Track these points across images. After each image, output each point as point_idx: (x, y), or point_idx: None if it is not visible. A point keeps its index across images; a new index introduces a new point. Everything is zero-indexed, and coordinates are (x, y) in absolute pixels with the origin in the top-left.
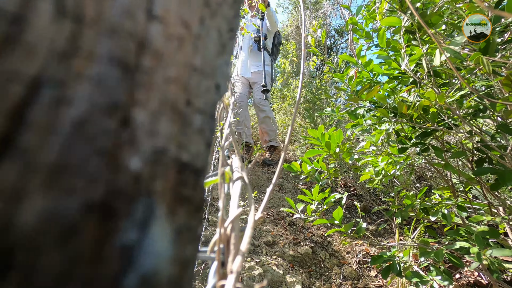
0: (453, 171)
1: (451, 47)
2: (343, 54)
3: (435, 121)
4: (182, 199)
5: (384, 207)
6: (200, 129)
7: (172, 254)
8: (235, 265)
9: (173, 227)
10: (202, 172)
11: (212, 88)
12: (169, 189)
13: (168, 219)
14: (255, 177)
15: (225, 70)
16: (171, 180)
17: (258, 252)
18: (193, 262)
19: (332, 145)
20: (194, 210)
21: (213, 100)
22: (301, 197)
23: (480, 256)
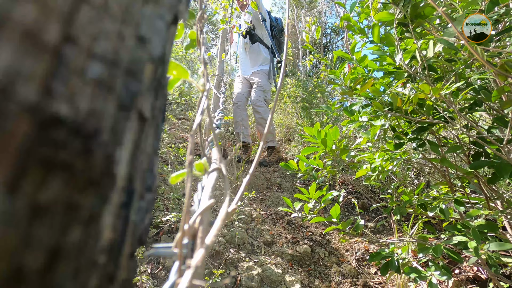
0: (450, 166)
1: (445, 38)
2: (337, 51)
3: (430, 113)
4: (51, 165)
5: (382, 204)
6: (102, 82)
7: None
8: (194, 260)
9: (27, 201)
10: (100, 138)
11: (128, 37)
12: (13, 147)
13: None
14: (253, 176)
15: (158, 24)
16: (20, 135)
17: (257, 252)
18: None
19: (329, 142)
20: (84, 184)
21: (131, 53)
22: (298, 195)
23: (478, 250)
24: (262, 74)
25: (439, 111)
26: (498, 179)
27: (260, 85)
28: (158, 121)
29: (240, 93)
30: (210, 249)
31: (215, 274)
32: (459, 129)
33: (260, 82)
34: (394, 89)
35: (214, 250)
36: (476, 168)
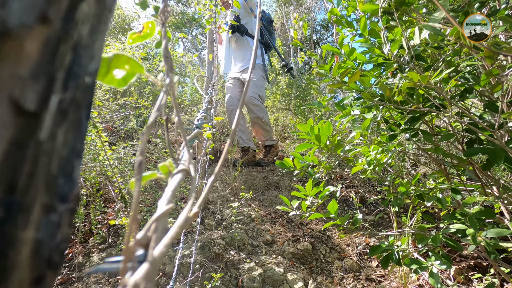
0: (444, 154)
1: (430, 24)
2: (326, 45)
3: (420, 102)
4: None
5: (380, 197)
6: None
7: None
8: (134, 277)
9: None
10: None
11: None
12: None
13: None
14: (250, 177)
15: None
16: None
17: (258, 252)
18: None
19: (322, 138)
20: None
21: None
22: (295, 193)
23: (476, 238)
24: (256, 70)
25: (430, 100)
26: (492, 165)
27: (253, 81)
28: (75, 117)
29: (231, 96)
30: (158, 263)
31: (214, 278)
32: (451, 117)
33: (253, 78)
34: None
35: (214, 253)
36: (470, 155)
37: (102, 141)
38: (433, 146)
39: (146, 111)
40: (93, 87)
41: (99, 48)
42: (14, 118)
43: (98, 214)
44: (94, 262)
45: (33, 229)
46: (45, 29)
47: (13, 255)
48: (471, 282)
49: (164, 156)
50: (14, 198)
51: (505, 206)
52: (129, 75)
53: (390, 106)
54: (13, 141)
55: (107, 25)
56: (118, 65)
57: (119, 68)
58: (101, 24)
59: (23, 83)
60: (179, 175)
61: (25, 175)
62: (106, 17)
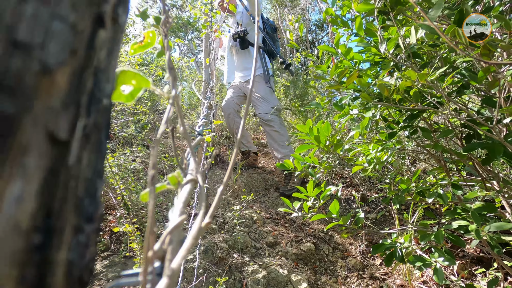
0: (443, 150)
1: (426, 23)
2: (322, 45)
3: (418, 101)
4: None
5: (381, 195)
6: None
7: None
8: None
9: None
10: None
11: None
12: None
13: None
14: (251, 179)
15: (55, 27)
16: None
17: (261, 254)
18: None
19: (322, 138)
20: None
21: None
22: (297, 194)
23: (479, 232)
24: (258, 82)
25: (427, 98)
26: (492, 160)
27: (259, 96)
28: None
29: (229, 100)
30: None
31: (219, 282)
32: (449, 113)
33: (259, 92)
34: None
35: (217, 256)
36: (469, 151)
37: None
38: (432, 143)
39: (145, 117)
40: (110, 108)
41: (113, 69)
42: (50, 148)
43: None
44: (97, 270)
45: (65, 250)
46: (73, 60)
47: (50, 277)
48: (475, 277)
49: (164, 161)
50: (51, 223)
51: (506, 200)
52: (136, 90)
53: (388, 105)
54: (49, 169)
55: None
56: (125, 80)
57: (126, 84)
58: (116, 46)
59: (56, 114)
60: (188, 186)
61: (58, 200)
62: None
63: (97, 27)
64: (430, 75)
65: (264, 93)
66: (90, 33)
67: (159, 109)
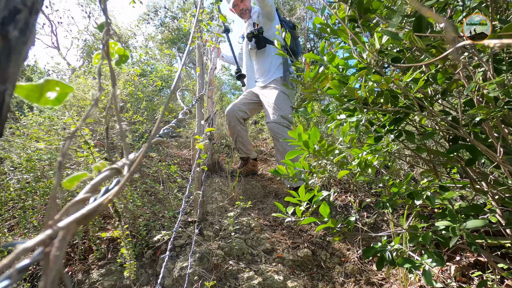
0: (432, 152)
1: (389, 29)
2: (308, 53)
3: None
4: None
5: (374, 199)
6: None
7: None
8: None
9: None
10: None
11: None
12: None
13: None
14: (249, 186)
15: None
16: None
17: (257, 261)
18: None
19: (310, 143)
20: None
21: None
22: (289, 199)
23: (455, 230)
24: (276, 87)
25: (403, 100)
26: (475, 161)
27: (272, 104)
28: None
29: (233, 106)
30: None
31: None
32: (428, 115)
33: (272, 99)
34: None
35: (212, 263)
36: (453, 153)
37: (94, 157)
38: (416, 146)
39: (142, 126)
40: (2, 103)
41: (12, 72)
42: None
43: (97, 231)
44: (93, 279)
45: None
46: None
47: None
48: (472, 280)
49: (160, 169)
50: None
51: (495, 201)
52: (61, 95)
53: (372, 108)
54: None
55: (21, 55)
56: (50, 88)
57: (51, 91)
58: (12, 55)
59: None
60: (106, 172)
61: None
62: (15, 49)
63: None
64: (406, 78)
65: (277, 100)
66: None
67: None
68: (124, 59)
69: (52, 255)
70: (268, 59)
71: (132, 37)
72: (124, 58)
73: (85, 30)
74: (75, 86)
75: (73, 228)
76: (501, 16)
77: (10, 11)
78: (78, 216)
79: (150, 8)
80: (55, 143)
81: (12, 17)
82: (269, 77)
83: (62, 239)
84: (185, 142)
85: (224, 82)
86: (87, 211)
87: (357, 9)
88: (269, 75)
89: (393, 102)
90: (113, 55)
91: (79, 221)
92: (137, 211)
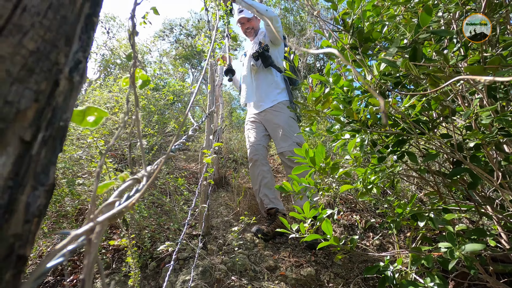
0: (435, 173)
1: (386, 58)
2: (315, 74)
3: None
4: None
5: (378, 220)
6: None
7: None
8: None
9: None
10: None
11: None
12: None
13: None
14: (255, 202)
15: (26, 93)
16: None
17: (260, 278)
18: None
19: (317, 160)
20: None
21: None
22: (293, 214)
23: (453, 252)
24: (283, 111)
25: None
26: (477, 185)
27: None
28: (52, 143)
29: (256, 144)
30: (104, 224)
31: None
32: (428, 139)
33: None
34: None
35: (214, 278)
36: (454, 176)
37: (107, 167)
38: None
39: (153, 139)
40: (66, 127)
41: (72, 105)
42: (20, 144)
43: (103, 240)
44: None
45: (26, 196)
46: (37, 104)
47: (16, 206)
48: None
49: (168, 182)
50: (18, 179)
51: (501, 227)
52: (98, 118)
53: (375, 131)
54: (19, 154)
55: (78, 92)
56: (90, 113)
57: (91, 115)
58: (73, 93)
59: (25, 130)
60: (129, 182)
61: (24, 170)
62: (76, 88)
63: (54, 87)
64: (405, 103)
65: (287, 125)
66: (50, 90)
67: (168, 131)
68: (147, 83)
69: (93, 241)
70: (270, 81)
71: (147, 52)
72: (147, 82)
73: (104, 45)
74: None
75: (106, 224)
76: (492, 48)
77: (75, 62)
78: (109, 214)
79: (166, 26)
80: (71, 153)
81: (76, 67)
82: (275, 97)
83: (99, 231)
84: (194, 156)
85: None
86: (116, 211)
87: (358, 38)
88: (276, 95)
89: (392, 125)
90: (137, 79)
91: (110, 219)
92: (143, 222)
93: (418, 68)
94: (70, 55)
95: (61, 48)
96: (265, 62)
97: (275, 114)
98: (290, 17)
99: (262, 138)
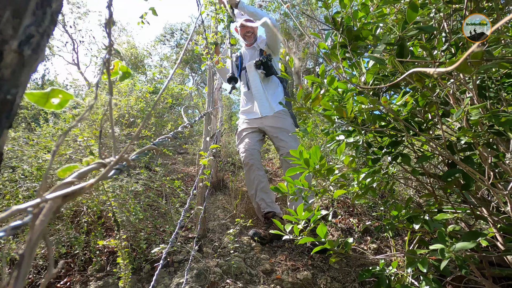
0: (429, 175)
1: (374, 55)
2: (309, 76)
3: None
4: None
5: (373, 222)
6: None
7: None
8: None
9: None
10: None
11: None
12: None
13: None
14: (252, 205)
15: None
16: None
17: (255, 281)
18: None
19: (311, 162)
20: None
21: None
22: (287, 217)
23: (443, 252)
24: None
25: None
26: (470, 186)
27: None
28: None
29: (251, 149)
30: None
31: None
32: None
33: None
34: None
35: (209, 281)
36: (448, 177)
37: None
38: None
39: (149, 142)
40: (14, 101)
41: (24, 81)
42: None
43: (98, 242)
44: None
45: None
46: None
47: None
48: None
49: (164, 184)
50: None
51: (497, 230)
52: (63, 101)
53: (369, 129)
54: None
55: (32, 68)
56: (54, 95)
57: (55, 97)
58: (25, 68)
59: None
60: (93, 165)
61: None
62: (29, 64)
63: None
64: (398, 101)
65: (292, 129)
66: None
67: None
68: (127, 75)
69: (40, 218)
70: (274, 88)
71: (148, 56)
72: (127, 74)
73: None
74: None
75: (59, 202)
76: None
77: (26, 36)
78: (63, 192)
79: (167, 30)
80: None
81: (27, 41)
82: (276, 106)
83: (49, 208)
84: (192, 159)
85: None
86: (71, 190)
87: (347, 36)
88: (274, 105)
89: (382, 123)
90: (117, 73)
91: (64, 198)
92: (138, 224)
93: (404, 65)
94: (20, 29)
95: (7, 20)
96: (268, 71)
97: (278, 119)
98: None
99: (257, 143)
